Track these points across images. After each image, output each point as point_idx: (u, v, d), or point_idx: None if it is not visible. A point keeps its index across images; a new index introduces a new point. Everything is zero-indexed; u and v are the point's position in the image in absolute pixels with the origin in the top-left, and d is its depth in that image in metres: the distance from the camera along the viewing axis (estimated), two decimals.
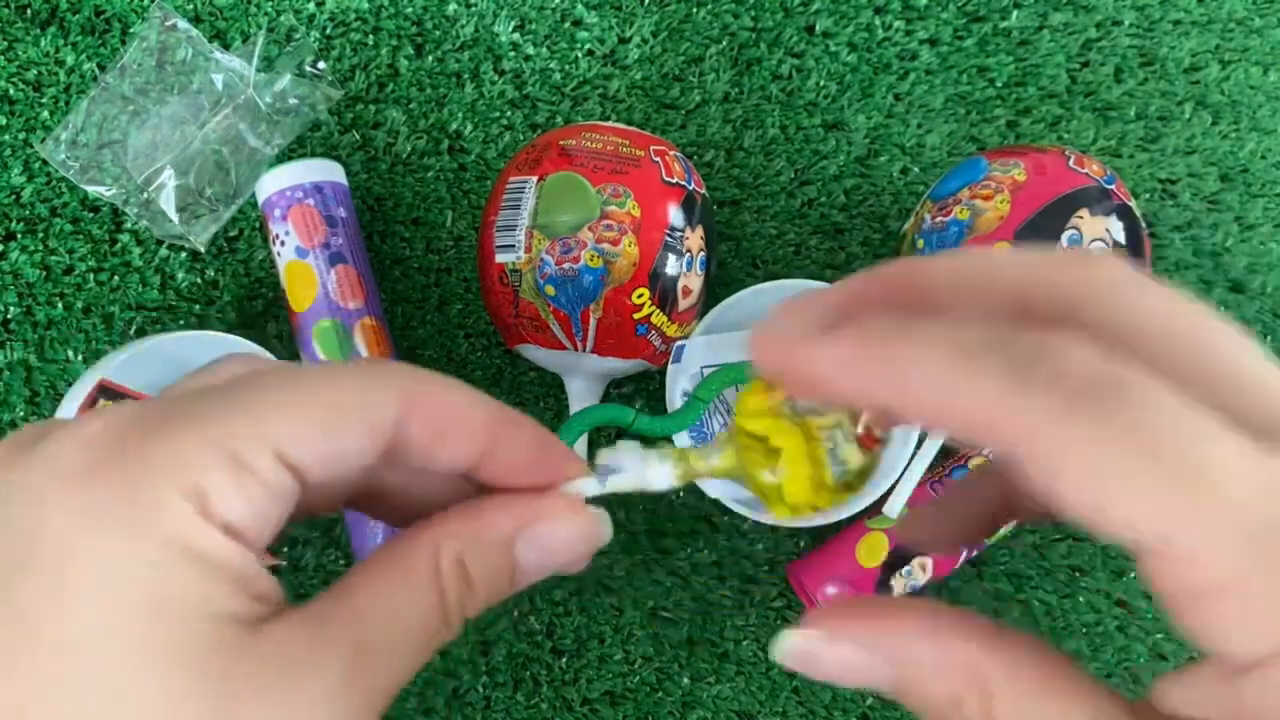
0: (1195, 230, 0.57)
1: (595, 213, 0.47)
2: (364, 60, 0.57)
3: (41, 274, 0.55)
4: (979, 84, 0.58)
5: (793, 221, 0.57)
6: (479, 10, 0.58)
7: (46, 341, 0.55)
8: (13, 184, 0.55)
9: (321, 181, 0.52)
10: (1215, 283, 0.57)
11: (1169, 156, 0.58)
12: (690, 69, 0.58)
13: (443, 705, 0.53)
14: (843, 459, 0.19)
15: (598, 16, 0.58)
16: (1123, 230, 0.47)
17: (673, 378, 0.51)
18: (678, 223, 0.48)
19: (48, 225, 0.55)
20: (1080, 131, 0.58)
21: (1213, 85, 0.58)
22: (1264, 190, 0.58)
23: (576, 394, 0.52)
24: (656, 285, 0.48)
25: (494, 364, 0.56)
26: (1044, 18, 0.58)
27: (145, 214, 0.54)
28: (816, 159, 0.57)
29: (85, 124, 0.54)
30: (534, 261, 0.48)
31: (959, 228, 0.48)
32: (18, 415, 0.54)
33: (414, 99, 0.57)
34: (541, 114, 0.57)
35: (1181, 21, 0.59)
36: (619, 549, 0.54)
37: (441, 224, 0.57)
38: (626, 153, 0.49)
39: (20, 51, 0.56)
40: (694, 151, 0.57)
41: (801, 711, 0.53)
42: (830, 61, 0.58)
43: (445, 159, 0.57)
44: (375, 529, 0.50)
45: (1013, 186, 0.47)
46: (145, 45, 0.54)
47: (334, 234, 0.52)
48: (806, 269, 0.56)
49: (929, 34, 0.58)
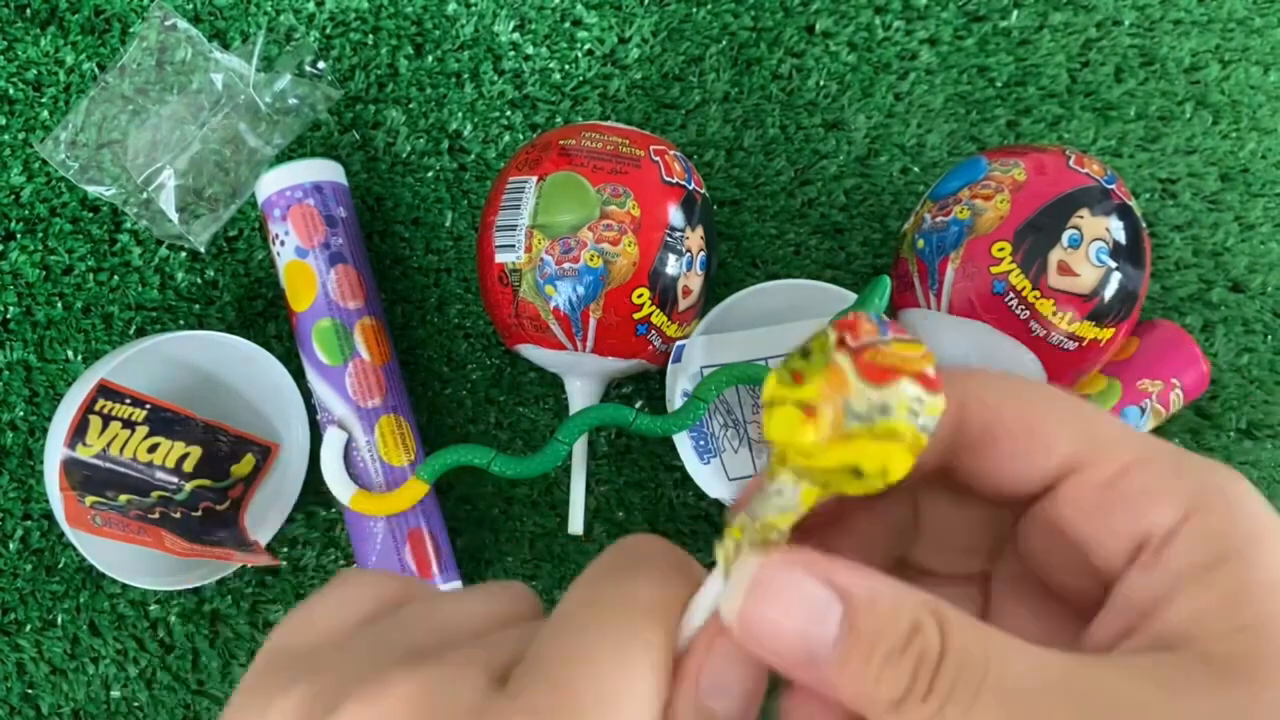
0: (1195, 230, 0.57)
1: (595, 213, 0.47)
2: (364, 60, 0.57)
3: (41, 274, 0.55)
4: (979, 84, 0.58)
5: (793, 221, 0.57)
6: (479, 10, 0.58)
7: (46, 341, 0.55)
8: (12, 184, 0.55)
9: (321, 181, 0.52)
10: (1215, 283, 0.57)
11: (1169, 156, 0.58)
12: (690, 69, 0.58)
13: None
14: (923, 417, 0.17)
15: (598, 16, 0.58)
16: (1123, 230, 0.47)
17: (673, 378, 0.51)
18: (678, 223, 0.48)
19: (47, 225, 0.55)
20: (1080, 131, 0.58)
21: (1213, 85, 0.58)
22: (1264, 190, 0.58)
23: (576, 394, 0.52)
24: (656, 285, 0.48)
25: (494, 364, 0.56)
26: (1044, 17, 0.58)
27: (145, 214, 0.54)
28: (816, 159, 0.57)
29: (85, 124, 0.54)
30: (534, 261, 0.48)
31: (959, 227, 0.48)
32: (17, 415, 0.54)
33: (414, 99, 0.57)
34: (541, 114, 0.57)
35: (1182, 21, 0.59)
36: None
37: (441, 224, 0.57)
38: (626, 152, 0.49)
39: (20, 51, 0.56)
40: (694, 151, 0.57)
41: None
42: (830, 61, 0.58)
43: (445, 159, 0.57)
44: (375, 529, 0.50)
45: (1013, 186, 0.47)
46: (145, 45, 0.54)
47: (334, 234, 0.52)
48: (806, 269, 0.56)
49: (929, 34, 0.58)
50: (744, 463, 0.52)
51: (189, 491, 0.52)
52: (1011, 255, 0.46)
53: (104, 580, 0.53)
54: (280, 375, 0.52)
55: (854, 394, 0.17)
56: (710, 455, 0.51)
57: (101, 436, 0.49)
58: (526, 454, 0.51)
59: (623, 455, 0.55)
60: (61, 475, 0.47)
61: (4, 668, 0.53)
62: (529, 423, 0.55)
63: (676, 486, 0.55)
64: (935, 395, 0.17)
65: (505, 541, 0.54)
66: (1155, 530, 0.18)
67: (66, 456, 0.48)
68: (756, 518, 0.19)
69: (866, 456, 0.17)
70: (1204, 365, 0.53)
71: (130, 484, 0.50)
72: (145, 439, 0.50)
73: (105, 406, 0.48)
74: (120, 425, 0.49)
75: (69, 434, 0.47)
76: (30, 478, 0.54)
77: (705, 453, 0.51)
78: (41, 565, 0.53)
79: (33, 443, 0.54)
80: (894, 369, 0.17)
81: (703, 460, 0.51)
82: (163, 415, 0.50)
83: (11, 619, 0.53)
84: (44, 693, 0.53)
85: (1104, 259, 0.46)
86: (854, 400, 0.17)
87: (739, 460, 0.52)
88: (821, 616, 0.18)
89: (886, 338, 0.18)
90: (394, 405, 0.51)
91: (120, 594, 0.53)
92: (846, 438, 0.17)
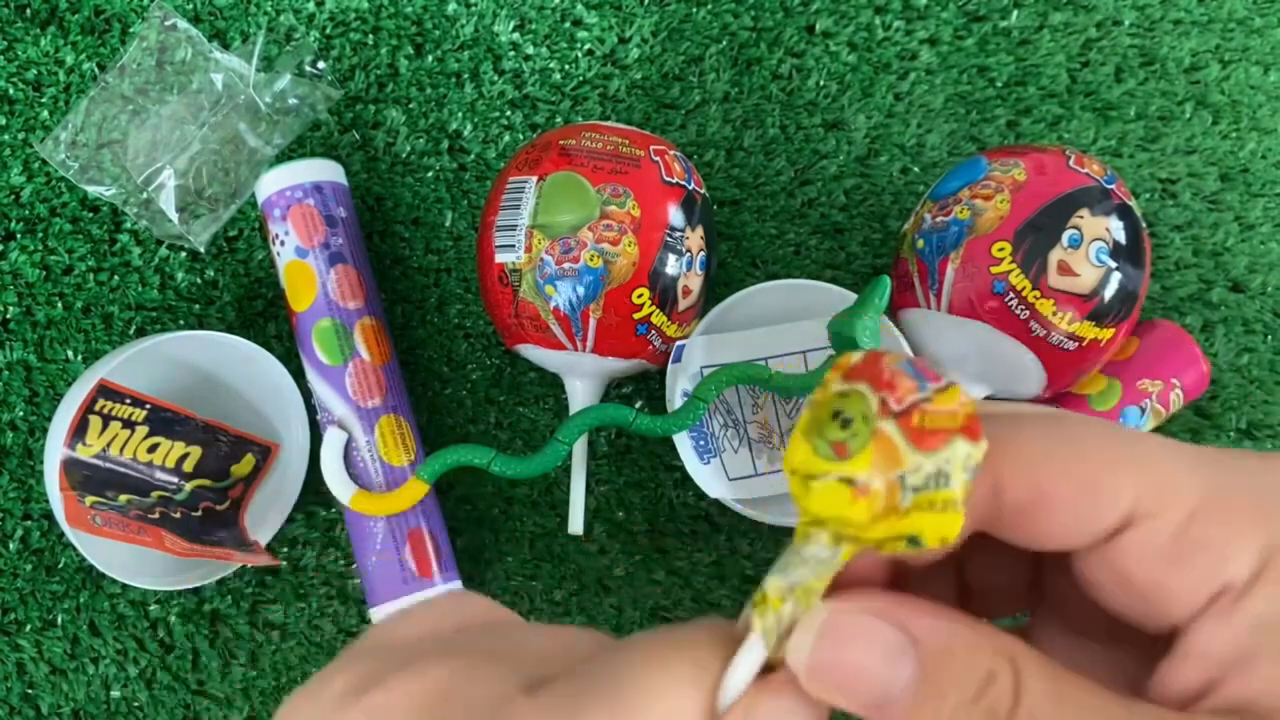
0: (1195, 230, 0.57)
1: (595, 213, 0.47)
2: (364, 60, 0.57)
3: (41, 274, 0.55)
4: (979, 84, 0.58)
5: (793, 221, 0.57)
6: (479, 10, 0.58)
7: (46, 341, 0.55)
8: (12, 184, 0.55)
9: (321, 181, 0.52)
10: (1215, 283, 0.57)
11: (1169, 156, 0.58)
12: (690, 69, 0.58)
13: None
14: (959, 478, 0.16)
15: (598, 16, 0.58)
16: (1123, 230, 0.47)
17: (673, 378, 0.51)
18: (678, 223, 0.48)
19: (47, 225, 0.55)
20: (1080, 131, 0.58)
21: (1213, 85, 0.58)
22: (1264, 190, 0.58)
23: (576, 394, 0.52)
24: (656, 285, 0.48)
25: (494, 364, 0.56)
26: (1044, 17, 0.58)
27: (145, 214, 0.54)
28: (816, 159, 0.57)
29: (85, 124, 0.54)
30: (534, 261, 0.48)
31: (959, 227, 0.48)
32: (17, 415, 0.54)
33: (414, 99, 0.57)
34: (541, 114, 0.57)
35: (1182, 21, 0.59)
36: (619, 549, 0.54)
37: (441, 224, 0.57)
38: (626, 152, 0.49)
39: (20, 51, 0.56)
40: (694, 151, 0.57)
41: None
42: (830, 61, 0.58)
43: (445, 159, 0.57)
44: (375, 529, 0.50)
45: (1013, 186, 0.47)
46: (145, 45, 0.54)
47: (334, 234, 0.52)
48: (806, 269, 0.56)
49: (929, 34, 0.58)
50: (744, 463, 0.52)
51: (189, 491, 0.52)
52: (1011, 255, 0.46)
53: (104, 580, 0.53)
54: (280, 375, 0.52)
55: (909, 467, 0.16)
56: (710, 455, 0.51)
57: (101, 436, 0.49)
58: (526, 454, 0.51)
59: (623, 455, 0.55)
60: (61, 475, 0.47)
61: (4, 668, 0.53)
62: (529, 423, 0.55)
63: (676, 486, 0.55)
64: (980, 443, 0.16)
65: (505, 541, 0.54)
66: (1232, 580, 0.17)
67: (66, 456, 0.48)
68: (795, 585, 0.18)
69: (924, 526, 0.16)
70: (1204, 365, 0.53)
71: (130, 484, 0.50)
72: (145, 439, 0.50)
73: (105, 406, 0.48)
74: (120, 425, 0.49)
75: (69, 434, 0.47)
76: (30, 478, 0.54)
77: (705, 453, 0.51)
78: (41, 565, 0.53)
79: (33, 443, 0.54)
80: (945, 430, 0.16)
81: (703, 460, 0.51)
82: (163, 415, 0.50)
83: (11, 619, 0.53)
84: (44, 693, 0.53)
85: (1104, 259, 0.46)
86: (910, 474, 0.16)
87: (739, 460, 0.52)
88: (895, 661, 0.17)
89: (927, 392, 0.16)
90: (394, 405, 0.51)
91: (120, 594, 0.53)
92: (902, 511, 0.16)
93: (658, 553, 0.54)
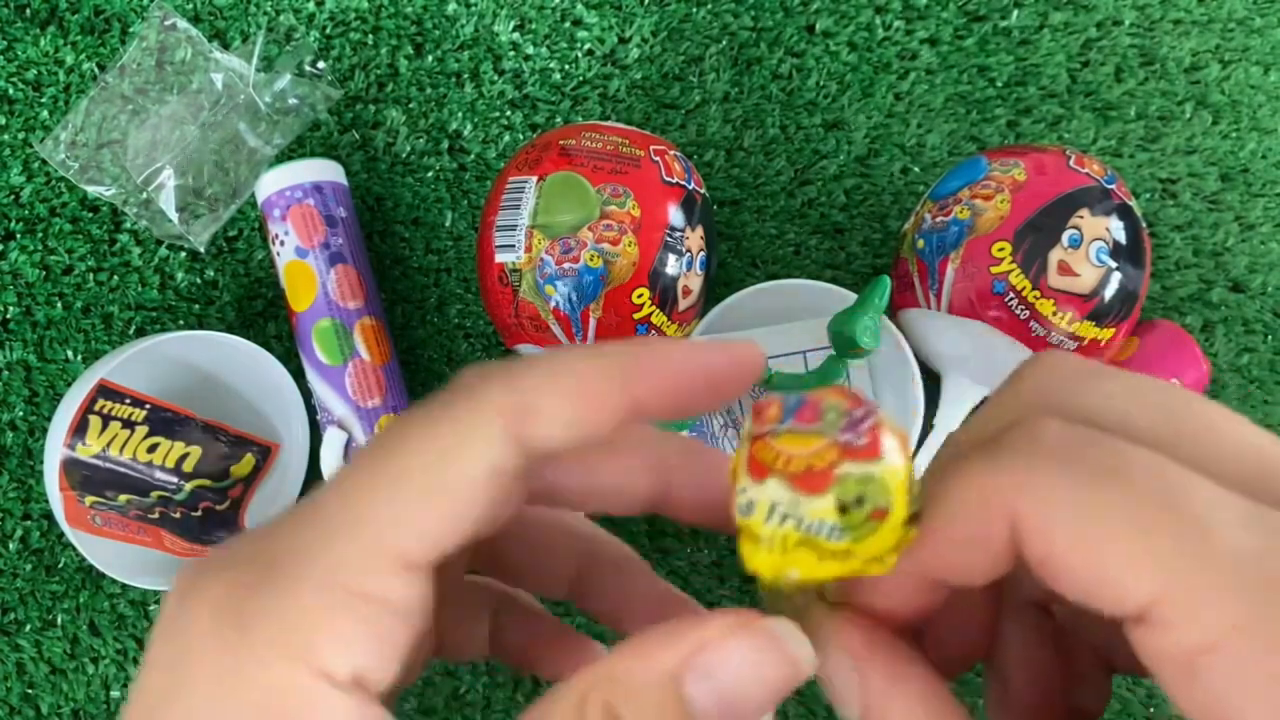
0: (1195, 230, 0.57)
1: (595, 213, 0.47)
2: (364, 60, 0.57)
3: (41, 274, 0.55)
4: (979, 84, 0.58)
5: (793, 221, 0.57)
6: (479, 10, 0.58)
7: (46, 341, 0.55)
8: (12, 184, 0.55)
9: (321, 181, 0.52)
10: (1215, 283, 0.57)
11: (1169, 156, 0.58)
12: (690, 69, 0.58)
13: (442, 705, 0.53)
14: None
15: (598, 16, 0.58)
16: (1123, 230, 0.47)
17: None
18: (678, 223, 0.48)
19: (47, 225, 0.55)
20: (1080, 131, 0.58)
21: (1213, 85, 0.58)
22: (1264, 190, 0.58)
23: None
24: (656, 285, 0.48)
25: None
26: (1044, 17, 0.58)
27: (145, 214, 0.54)
28: (816, 159, 0.57)
29: (85, 124, 0.54)
30: (534, 261, 0.48)
31: (959, 227, 0.48)
32: (17, 415, 0.54)
33: (414, 99, 0.57)
34: (541, 114, 0.57)
35: (1182, 21, 0.59)
36: None
37: (441, 224, 0.57)
38: (626, 152, 0.49)
39: (20, 51, 0.56)
40: (694, 151, 0.57)
41: (801, 712, 0.53)
42: (830, 61, 0.58)
43: (445, 159, 0.57)
44: None
45: (1013, 186, 0.47)
46: (145, 45, 0.54)
47: (334, 234, 0.52)
48: (806, 269, 0.56)
49: (929, 33, 0.58)
50: None
51: (189, 491, 0.52)
52: (1011, 255, 0.46)
53: (104, 580, 0.53)
54: (280, 375, 0.52)
55: (739, 487, 0.17)
56: None
57: (101, 436, 0.49)
58: None
59: None
60: (61, 475, 0.47)
61: (4, 668, 0.53)
62: None
63: None
64: (871, 464, 0.16)
65: None
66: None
67: (66, 456, 0.48)
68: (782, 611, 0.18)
69: (803, 565, 0.17)
70: (1204, 365, 0.53)
71: (130, 484, 0.50)
72: (145, 439, 0.50)
73: (105, 406, 0.48)
74: (120, 425, 0.49)
75: (69, 434, 0.47)
76: (30, 478, 0.54)
77: None
78: (41, 565, 0.53)
79: (33, 443, 0.54)
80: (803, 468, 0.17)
81: None
82: (163, 415, 0.50)
83: (11, 619, 0.53)
84: (44, 693, 0.53)
85: (1104, 259, 0.46)
86: (754, 501, 0.17)
87: None
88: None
89: (780, 428, 0.17)
90: (394, 405, 0.51)
91: (120, 594, 0.53)
92: (788, 548, 0.17)
93: (658, 553, 0.54)
